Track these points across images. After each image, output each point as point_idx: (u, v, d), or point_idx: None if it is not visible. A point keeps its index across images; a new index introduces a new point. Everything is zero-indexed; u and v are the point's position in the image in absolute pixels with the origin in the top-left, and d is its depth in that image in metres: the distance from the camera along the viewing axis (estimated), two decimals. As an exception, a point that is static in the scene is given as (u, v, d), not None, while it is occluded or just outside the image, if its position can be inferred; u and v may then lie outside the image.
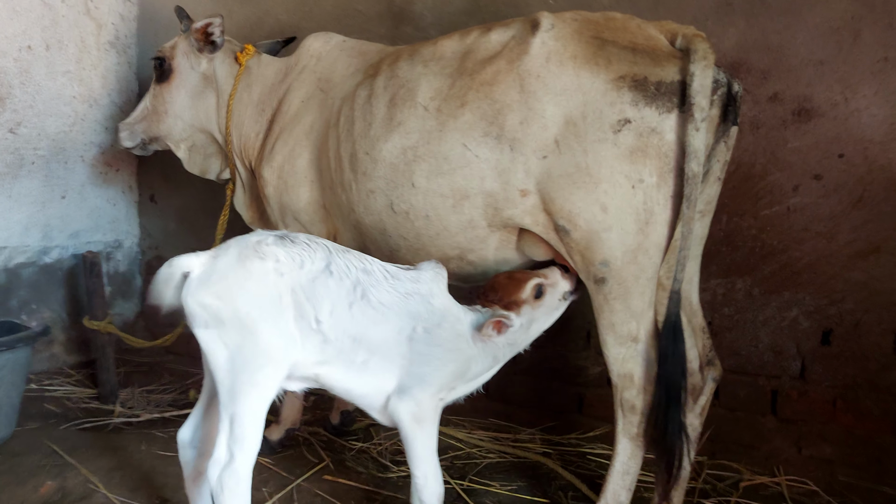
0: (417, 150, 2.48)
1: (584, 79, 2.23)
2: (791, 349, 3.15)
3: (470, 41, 2.51)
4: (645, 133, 2.17)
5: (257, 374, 2.01)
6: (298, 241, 2.11)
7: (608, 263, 2.25)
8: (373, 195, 2.64)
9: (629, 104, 2.17)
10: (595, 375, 3.54)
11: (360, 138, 2.65)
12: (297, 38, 4.00)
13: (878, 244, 2.96)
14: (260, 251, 2.04)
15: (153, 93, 3.48)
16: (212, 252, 2.10)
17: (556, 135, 2.26)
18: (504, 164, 2.35)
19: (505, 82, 2.33)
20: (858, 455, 3.05)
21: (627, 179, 2.19)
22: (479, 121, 2.36)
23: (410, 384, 2.18)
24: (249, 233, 2.17)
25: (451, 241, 2.54)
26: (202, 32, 3.31)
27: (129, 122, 3.58)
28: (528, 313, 2.36)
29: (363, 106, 2.68)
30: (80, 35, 4.39)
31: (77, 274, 4.37)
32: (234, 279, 2.01)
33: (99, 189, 4.62)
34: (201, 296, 2.00)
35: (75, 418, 3.53)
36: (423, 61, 2.57)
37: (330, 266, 2.10)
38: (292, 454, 3.17)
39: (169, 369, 4.42)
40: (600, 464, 3.15)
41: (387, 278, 2.18)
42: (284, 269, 2.04)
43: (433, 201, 2.48)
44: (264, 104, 3.23)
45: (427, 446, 2.21)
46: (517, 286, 2.36)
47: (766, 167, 3.11)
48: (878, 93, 2.92)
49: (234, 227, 3.56)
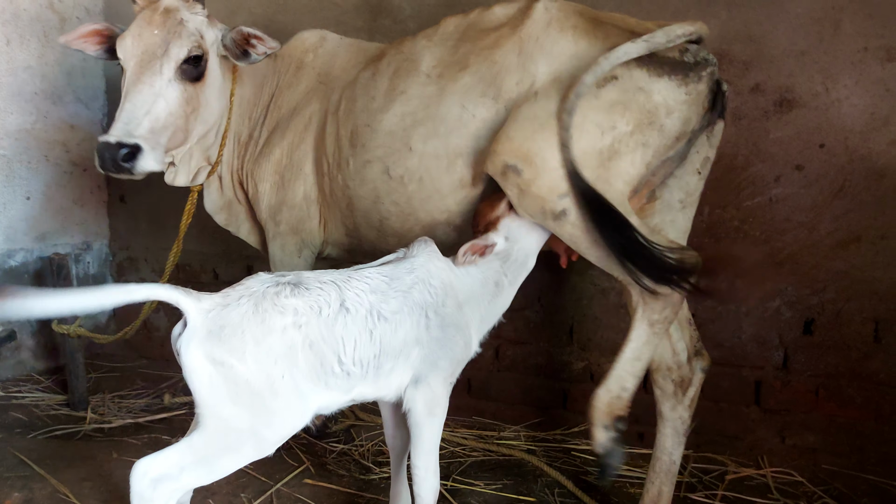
0: (416, 114, 2.56)
1: (582, 47, 2.31)
2: (774, 340, 3.15)
3: (473, 16, 2.62)
4: (630, 90, 2.20)
5: (267, 434, 1.91)
6: (312, 286, 2.00)
7: None
8: (369, 164, 2.68)
9: (620, 65, 2.20)
10: (579, 370, 3.52)
11: (361, 113, 2.72)
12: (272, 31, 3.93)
13: (859, 233, 2.97)
14: (279, 304, 1.92)
15: (184, 95, 2.76)
16: (218, 298, 1.94)
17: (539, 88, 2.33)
18: (499, 124, 2.38)
19: (506, 46, 2.42)
20: (841, 443, 3.06)
21: (598, 127, 2.20)
22: (477, 83, 2.44)
23: (426, 372, 2.15)
24: (256, 276, 2.03)
25: (440, 204, 2.57)
26: (245, 38, 2.82)
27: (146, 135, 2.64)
28: (510, 226, 2.32)
29: (366, 83, 2.76)
30: (43, 29, 4.25)
31: (44, 277, 4.23)
32: (251, 335, 1.87)
33: (65, 189, 4.48)
34: (210, 349, 1.85)
35: (44, 426, 3.42)
36: (426, 37, 2.69)
37: (345, 303, 2.01)
38: (272, 458, 2.98)
39: (142, 374, 4.30)
40: (585, 460, 3.14)
41: (390, 285, 2.12)
42: (302, 320, 1.93)
43: (427, 164, 2.53)
44: (255, 100, 3.15)
45: (434, 437, 2.18)
46: (491, 206, 2.35)
47: (748, 158, 3.10)
48: (858, 83, 2.93)
49: (206, 227, 3.47)
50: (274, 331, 1.89)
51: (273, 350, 1.89)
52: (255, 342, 1.87)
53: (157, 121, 2.68)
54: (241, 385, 1.85)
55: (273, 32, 3.86)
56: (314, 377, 1.97)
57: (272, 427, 1.92)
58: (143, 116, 2.64)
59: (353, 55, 3.02)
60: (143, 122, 2.64)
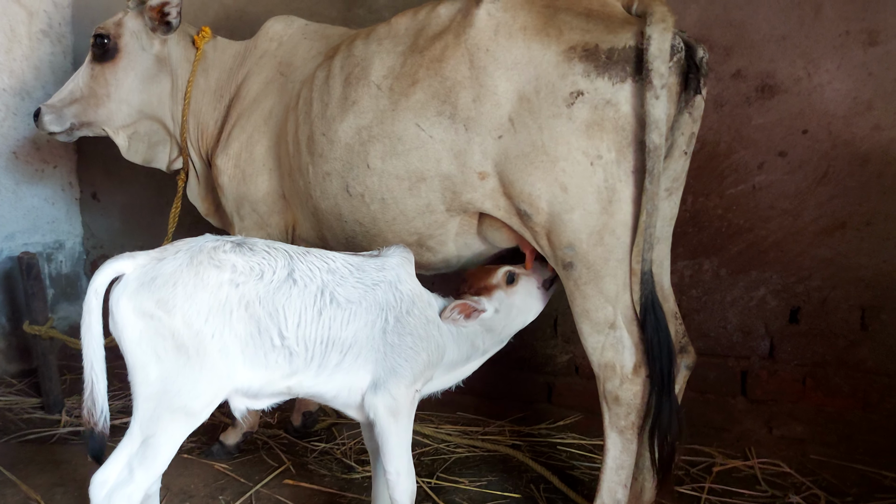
0: (372, 129, 2.39)
1: (535, 51, 2.13)
2: (760, 329, 3.12)
3: (421, 17, 2.42)
4: (600, 105, 2.06)
5: (193, 401, 1.83)
6: (257, 248, 1.93)
7: (574, 247, 2.15)
8: (329, 178, 2.53)
9: (581, 75, 2.07)
10: (563, 364, 3.47)
11: (317, 119, 2.56)
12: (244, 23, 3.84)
13: (844, 220, 2.94)
14: (216, 258, 1.85)
15: (91, 73, 3.15)
16: (155, 253, 1.89)
17: (510, 112, 2.17)
18: (460, 146, 2.25)
19: (454, 58, 2.23)
20: (829, 433, 3.04)
21: (585, 156, 2.08)
22: (431, 99, 2.27)
23: (385, 378, 2.07)
24: (200, 236, 1.97)
25: (408, 227, 2.44)
26: (157, 11, 3.05)
27: (55, 104, 3.21)
28: (503, 299, 2.27)
29: (321, 87, 2.59)
30: (10, 24, 4.14)
31: (14, 277, 4.12)
32: (182, 287, 1.80)
33: (35, 187, 4.37)
34: (139, 300, 1.79)
35: (17, 430, 3.34)
36: (377, 39, 2.48)
37: (293, 274, 1.94)
38: (251, 459, 3.03)
39: (118, 375, 4.14)
40: (571, 454, 3.09)
41: (352, 272, 2.05)
42: (241, 279, 1.86)
43: (389, 183, 2.39)
44: (222, 90, 3.10)
45: (402, 442, 2.11)
46: (487, 273, 2.30)
47: (730, 145, 3.06)
48: (840, 67, 2.89)
49: (185, 220, 3.39)
50: (208, 286, 1.82)
51: (205, 306, 1.81)
52: (185, 295, 1.80)
53: (69, 94, 3.20)
54: (167, 339, 1.79)
55: (246, 24, 3.80)
56: (251, 346, 1.89)
57: (195, 391, 1.84)
58: (63, 90, 3.23)
59: (316, 43, 2.91)
60: (60, 94, 3.22)
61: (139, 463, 1.84)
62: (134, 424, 1.85)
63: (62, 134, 3.28)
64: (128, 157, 3.33)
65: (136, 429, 1.85)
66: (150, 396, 1.82)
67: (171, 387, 1.81)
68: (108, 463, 1.86)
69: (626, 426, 2.20)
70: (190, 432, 1.89)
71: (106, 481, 1.83)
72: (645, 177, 2.03)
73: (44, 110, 3.22)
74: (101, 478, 1.84)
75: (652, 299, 2.10)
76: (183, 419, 1.85)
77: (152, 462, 1.84)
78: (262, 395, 2.00)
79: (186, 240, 1.94)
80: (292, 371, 1.97)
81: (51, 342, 3.62)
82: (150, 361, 1.80)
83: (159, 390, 1.82)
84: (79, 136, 3.33)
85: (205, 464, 2.94)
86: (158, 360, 1.80)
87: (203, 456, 3.00)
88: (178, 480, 2.75)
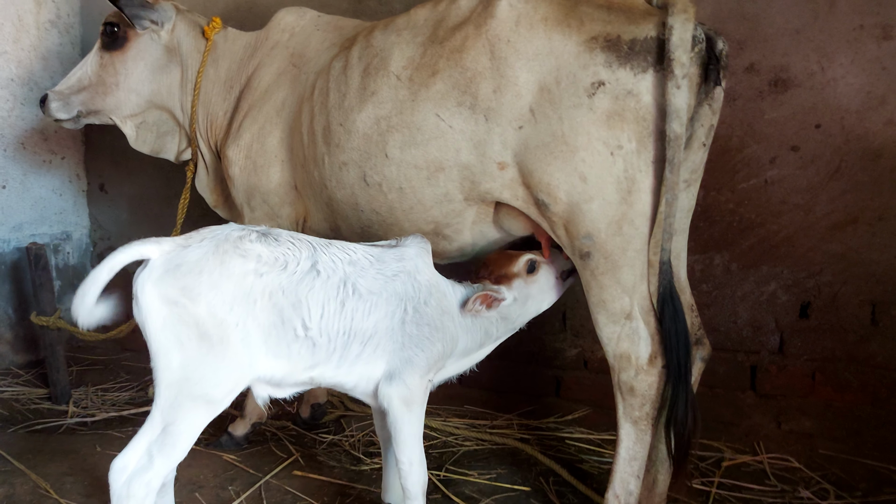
0: (391, 119, 2.40)
1: (556, 42, 2.13)
2: (770, 324, 3.11)
3: (441, 8, 2.42)
4: (621, 96, 2.07)
5: (214, 389, 1.84)
6: (282, 239, 1.94)
7: (592, 236, 2.15)
8: (345, 167, 2.53)
9: (602, 66, 2.07)
10: (572, 357, 3.47)
11: (333, 109, 2.55)
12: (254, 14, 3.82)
13: (856, 215, 2.93)
14: (241, 248, 1.86)
15: (100, 61, 3.16)
16: (180, 240, 1.89)
17: (531, 103, 2.17)
18: (480, 136, 2.26)
19: (474, 48, 2.24)
20: (838, 428, 3.03)
21: (606, 146, 2.09)
22: (451, 90, 2.28)
23: (400, 367, 2.07)
24: (225, 225, 1.97)
25: (425, 216, 2.45)
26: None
27: (63, 90, 3.21)
28: (521, 288, 2.28)
29: (338, 77, 2.59)
30: (17, 13, 4.12)
31: (22, 268, 4.11)
32: (208, 276, 1.80)
33: (43, 178, 4.36)
34: (165, 287, 1.79)
35: (25, 420, 3.34)
36: (396, 30, 2.49)
37: (316, 265, 1.94)
38: (260, 450, 3.02)
39: (125, 366, 4.21)
40: (580, 448, 3.09)
41: (372, 264, 2.05)
42: (265, 269, 1.86)
43: (407, 173, 2.39)
44: (232, 81, 3.09)
45: (414, 431, 2.11)
46: (509, 260, 2.29)
47: (742, 139, 3.05)
48: (854, 61, 2.88)
49: (193, 213, 3.39)
50: (233, 275, 1.82)
51: (229, 295, 1.81)
52: (210, 284, 1.80)
53: (76, 81, 3.20)
54: (190, 327, 1.79)
55: (255, 16, 3.79)
56: (274, 337, 1.89)
57: (217, 379, 1.84)
58: (70, 77, 3.24)
59: (329, 35, 2.90)
60: (68, 81, 3.23)
61: (159, 450, 1.84)
62: (155, 411, 1.85)
63: (69, 121, 3.28)
64: (136, 146, 3.33)
65: (157, 415, 1.85)
66: (171, 383, 1.82)
67: (193, 374, 1.81)
68: (128, 449, 1.86)
69: (640, 417, 2.20)
70: (210, 420, 1.90)
71: (126, 467, 1.84)
72: (665, 167, 2.03)
73: (51, 96, 3.22)
74: (121, 463, 1.85)
75: (670, 290, 2.10)
76: (204, 407, 1.85)
77: (172, 449, 1.85)
78: (284, 384, 2.00)
79: (212, 228, 1.94)
80: (314, 362, 1.97)
81: (58, 333, 3.61)
82: (172, 348, 1.80)
83: (181, 377, 1.81)
84: (85, 123, 3.33)
85: (214, 454, 2.94)
86: (181, 347, 1.80)
87: (212, 447, 3.00)
88: (187, 471, 2.75)
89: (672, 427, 2.16)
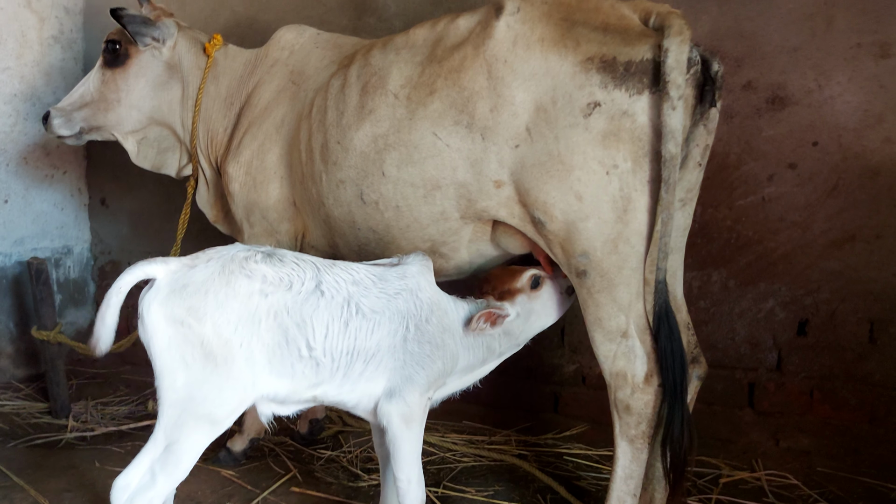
0: (388, 138, 2.41)
1: (553, 62, 2.15)
2: (767, 341, 3.11)
3: (440, 28, 2.44)
4: (616, 116, 2.08)
5: (218, 409, 1.85)
6: (287, 259, 1.96)
7: (588, 255, 2.16)
8: (343, 185, 2.55)
9: (598, 86, 2.09)
10: (570, 374, 3.47)
11: (331, 127, 2.57)
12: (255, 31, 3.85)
13: (854, 233, 2.94)
14: (247, 268, 1.88)
15: (101, 78, 3.18)
16: (187, 260, 1.91)
17: (527, 122, 2.19)
18: (476, 154, 2.27)
19: (472, 68, 2.26)
20: (836, 445, 3.03)
21: (601, 165, 2.11)
22: (448, 109, 2.30)
23: (401, 385, 2.08)
24: (230, 245, 2.00)
25: (422, 234, 2.46)
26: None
27: (65, 107, 3.24)
28: (525, 304, 2.28)
29: (336, 95, 2.61)
30: (21, 29, 4.15)
31: (23, 282, 4.13)
32: (214, 296, 1.83)
33: (45, 193, 4.38)
34: (171, 307, 1.81)
35: (24, 435, 3.34)
36: (395, 49, 2.51)
37: (321, 285, 1.96)
38: (258, 466, 3.02)
39: (125, 380, 4.22)
40: (578, 464, 3.08)
41: (375, 283, 2.07)
42: (270, 289, 1.88)
43: (404, 191, 2.41)
44: (233, 98, 3.11)
45: (413, 449, 2.12)
46: (512, 276, 2.30)
47: (740, 157, 3.06)
48: (851, 79, 2.89)
49: (192, 228, 3.40)
50: (239, 295, 1.84)
51: (235, 315, 1.83)
52: (216, 304, 1.82)
53: (79, 98, 3.22)
54: (195, 347, 1.80)
55: (256, 32, 3.82)
56: (278, 356, 1.90)
57: (221, 399, 1.85)
58: (73, 94, 3.26)
59: (328, 52, 2.92)
60: (70, 98, 3.25)
61: (161, 468, 1.85)
62: (158, 430, 1.87)
63: (71, 138, 3.30)
64: (137, 162, 3.35)
65: (160, 434, 1.86)
66: (175, 402, 1.84)
67: (197, 394, 1.83)
68: (130, 467, 1.87)
69: (636, 435, 2.21)
70: (213, 440, 1.91)
71: (128, 485, 1.85)
72: (660, 187, 2.05)
73: (53, 114, 3.24)
74: (123, 482, 1.86)
75: (666, 308, 2.11)
76: (207, 426, 1.86)
77: (175, 468, 1.86)
78: (288, 401, 2.02)
79: (217, 248, 1.96)
80: (318, 381, 1.99)
81: (59, 347, 3.62)
82: (177, 368, 1.82)
83: (185, 396, 1.83)
84: (87, 139, 3.35)
85: (212, 470, 2.94)
86: (186, 366, 1.81)
87: (210, 462, 3.00)
88: (185, 487, 2.74)
89: (668, 446, 2.16)
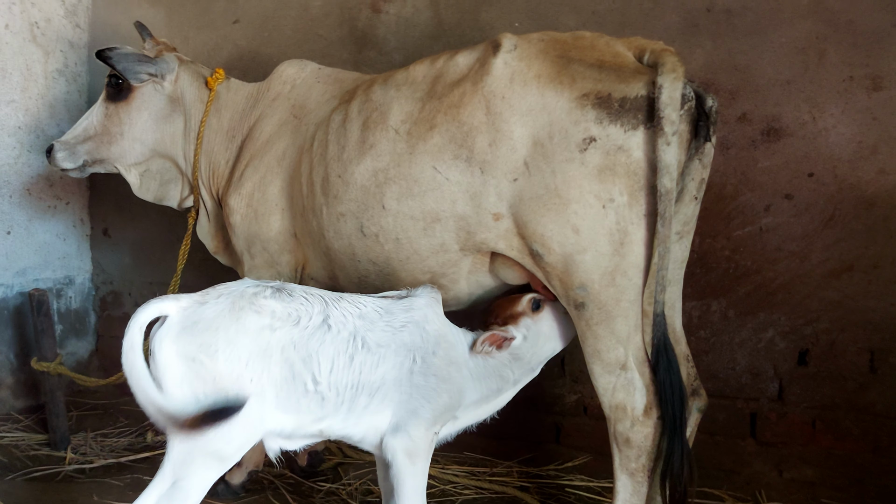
0: (388, 172, 2.45)
1: (549, 98, 2.20)
2: (768, 371, 3.11)
3: (439, 65, 2.49)
4: (612, 151, 2.12)
5: (226, 445, 1.85)
6: (296, 294, 1.98)
7: (586, 287, 2.17)
8: (343, 218, 2.57)
9: (593, 122, 2.14)
10: (572, 404, 3.45)
11: (332, 161, 2.60)
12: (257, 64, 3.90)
13: (851, 262, 2.95)
14: (257, 304, 1.90)
15: (105, 112, 3.23)
16: (197, 296, 1.93)
17: (525, 156, 2.23)
18: (475, 188, 2.31)
19: (471, 104, 2.31)
20: (839, 476, 3.00)
21: (598, 199, 2.14)
22: (448, 143, 2.33)
23: (406, 419, 2.08)
24: (240, 280, 2.02)
25: (421, 266, 2.48)
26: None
27: (68, 140, 3.28)
28: (530, 326, 2.30)
29: (337, 130, 2.64)
30: (26, 63, 4.21)
31: (25, 313, 4.13)
32: (224, 332, 1.84)
33: (47, 223, 4.41)
34: (183, 344, 1.82)
35: (23, 467, 3.32)
36: (395, 85, 2.55)
37: (328, 320, 1.98)
38: (257, 499, 3.00)
39: (124, 411, 4.19)
40: (580, 496, 3.06)
41: (381, 316, 2.08)
42: (278, 325, 1.90)
43: (404, 224, 2.43)
44: (234, 131, 3.14)
45: (417, 484, 2.11)
46: (512, 302, 2.33)
47: (737, 188, 3.08)
48: (844, 111, 2.92)
49: (194, 258, 3.42)
50: (249, 331, 1.85)
51: (245, 351, 1.84)
52: (227, 340, 1.83)
53: (82, 131, 3.26)
54: (207, 383, 1.80)
55: (258, 66, 3.87)
56: (284, 391, 1.91)
57: (230, 435, 1.84)
58: (76, 127, 3.30)
59: (330, 87, 2.96)
60: (74, 131, 3.29)
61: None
62: (166, 465, 1.86)
63: (75, 170, 3.33)
64: (139, 194, 3.37)
65: (167, 469, 1.86)
66: (185, 439, 1.83)
67: (208, 430, 1.82)
68: (137, 502, 1.86)
69: (636, 468, 2.20)
70: (219, 476, 1.90)
71: None
72: (657, 220, 2.07)
73: (57, 147, 3.28)
74: None
75: (664, 341, 2.12)
76: (215, 463, 1.86)
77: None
78: (294, 436, 2.02)
79: (227, 284, 1.98)
80: (323, 415, 1.99)
81: (59, 378, 3.61)
82: (189, 404, 1.81)
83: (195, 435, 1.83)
84: (90, 172, 3.38)
85: (211, 504, 2.92)
86: (197, 402, 1.81)
87: (208, 496, 2.98)
88: (184, 521, 2.73)
89: (668, 479, 2.15)
